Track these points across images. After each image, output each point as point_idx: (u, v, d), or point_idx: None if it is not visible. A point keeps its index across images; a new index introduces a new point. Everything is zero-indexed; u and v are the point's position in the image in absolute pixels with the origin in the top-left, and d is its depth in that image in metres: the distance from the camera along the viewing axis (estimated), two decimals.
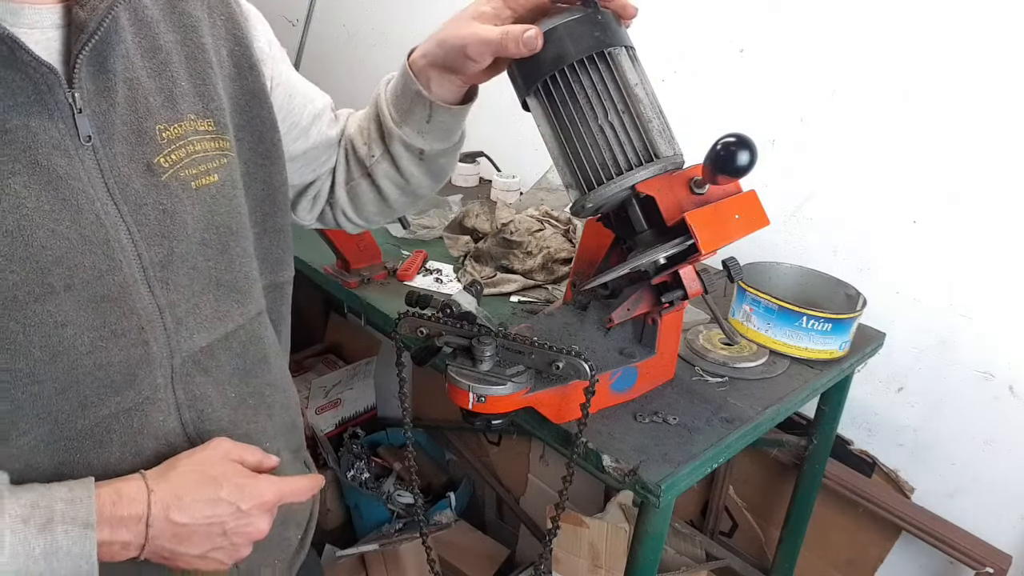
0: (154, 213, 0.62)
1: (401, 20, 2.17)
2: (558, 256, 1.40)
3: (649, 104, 0.80)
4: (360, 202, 0.92)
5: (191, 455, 0.65)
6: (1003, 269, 1.26)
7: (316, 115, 0.86)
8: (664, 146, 0.80)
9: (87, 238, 0.58)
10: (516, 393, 0.83)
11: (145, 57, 0.63)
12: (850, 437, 1.54)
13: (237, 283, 0.71)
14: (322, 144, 0.87)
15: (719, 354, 1.14)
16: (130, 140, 0.61)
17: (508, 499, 2.14)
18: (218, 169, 0.67)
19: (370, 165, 0.88)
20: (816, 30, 1.38)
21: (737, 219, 0.81)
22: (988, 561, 1.35)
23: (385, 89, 0.86)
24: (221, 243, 0.68)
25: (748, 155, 0.77)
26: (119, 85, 0.60)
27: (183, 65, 0.66)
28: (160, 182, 0.63)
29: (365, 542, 2.04)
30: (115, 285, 0.60)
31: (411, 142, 0.84)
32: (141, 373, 0.63)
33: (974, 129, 1.24)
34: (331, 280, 1.39)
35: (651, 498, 0.87)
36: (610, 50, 0.78)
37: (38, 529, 0.56)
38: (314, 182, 0.91)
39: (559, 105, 0.80)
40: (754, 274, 1.25)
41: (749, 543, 1.73)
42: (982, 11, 1.19)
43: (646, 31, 1.64)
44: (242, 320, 0.72)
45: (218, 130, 0.68)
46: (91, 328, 0.59)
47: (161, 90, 0.64)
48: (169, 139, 0.63)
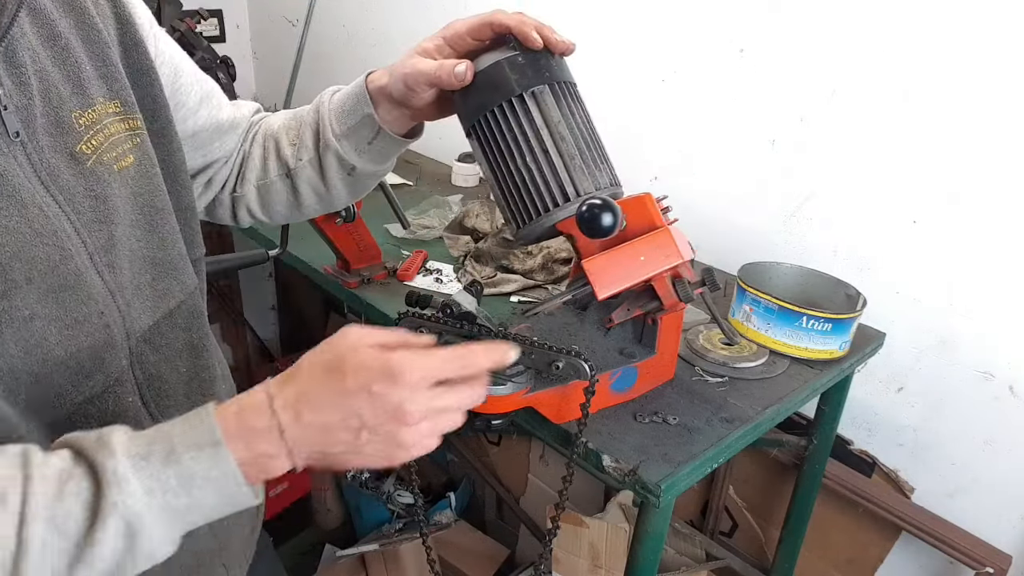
0: (87, 200, 0.62)
1: (401, 20, 2.17)
2: (558, 256, 1.40)
3: (573, 140, 0.82)
4: (270, 201, 0.92)
5: (316, 352, 0.58)
6: (1003, 269, 1.26)
7: (204, 96, 0.85)
8: (586, 183, 0.82)
9: (37, 231, 0.57)
10: (516, 393, 0.83)
11: (46, 46, 0.62)
12: (850, 437, 1.54)
13: (172, 260, 0.72)
14: (211, 127, 0.86)
15: (719, 354, 1.14)
16: (51, 131, 0.61)
17: (508, 499, 2.14)
18: (132, 150, 0.68)
19: (294, 167, 0.88)
20: (816, 30, 1.38)
21: (642, 260, 0.82)
22: (988, 561, 1.35)
23: (330, 99, 0.86)
24: (149, 222, 0.69)
25: (611, 217, 0.78)
26: (32, 78, 0.59)
27: (83, 49, 0.65)
28: (86, 169, 0.63)
29: (365, 542, 2.04)
30: (70, 274, 0.60)
31: (346, 157, 0.85)
32: (107, 356, 0.64)
33: (974, 129, 1.24)
34: (331, 280, 1.39)
35: (651, 498, 0.87)
36: (533, 90, 0.79)
37: (162, 461, 0.52)
38: (205, 169, 0.90)
39: (486, 146, 0.83)
40: (754, 274, 1.25)
41: (749, 543, 1.73)
42: (982, 11, 1.19)
43: (646, 31, 1.65)
44: (182, 296, 0.74)
45: (125, 110, 0.67)
46: (56, 318, 0.59)
47: (69, 78, 0.63)
48: (86, 125, 0.63)
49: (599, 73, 1.69)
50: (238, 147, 0.91)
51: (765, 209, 1.53)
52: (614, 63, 1.68)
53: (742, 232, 1.58)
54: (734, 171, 1.56)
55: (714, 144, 1.58)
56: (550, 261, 1.39)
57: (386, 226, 1.60)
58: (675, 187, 1.66)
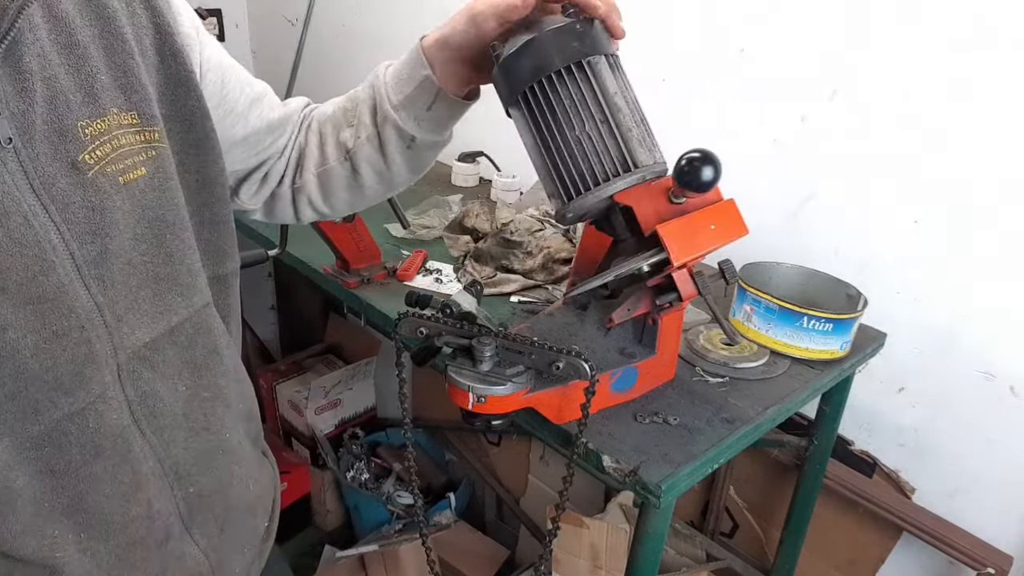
0: (83, 211, 0.61)
1: (401, 20, 2.17)
2: (558, 256, 1.40)
3: (629, 113, 0.81)
4: (331, 187, 0.92)
5: None
6: (1003, 269, 1.26)
7: (254, 99, 0.84)
8: (644, 155, 0.80)
9: (16, 240, 0.56)
10: (516, 393, 0.83)
11: (62, 54, 0.61)
12: (851, 437, 1.54)
13: (178, 276, 0.70)
14: (263, 129, 0.86)
15: (720, 354, 1.13)
16: (52, 139, 0.59)
17: (508, 499, 2.14)
18: (146, 162, 0.66)
19: (353, 147, 0.88)
20: (816, 30, 1.38)
21: (713, 229, 0.81)
22: (989, 561, 1.35)
23: (385, 72, 0.86)
24: (155, 237, 0.67)
25: (712, 171, 0.78)
26: (37, 84, 0.58)
27: (102, 59, 0.64)
28: (87, 179, 0.61)
29: (365, 543, 2.04)
30: (50, 285, 0.59)
31: (405, 128, 0.85)
32: (88, 372, 0.62)
33: (974, 129, 1.24)
34: (331, 280, 1.39)
35: (651, 499, 0.86)
36: (590, 59, 0.78)
37: None
38: (259, 167, 0.90)
39: (539, 116, 0.81)
40: (755, 274, 1.25)
41: (750, 544, 1.73)
42: (982, 11, 1.19)
43: (647, 31, 1.65)
44: (187, 313, 0.71)
45: (143, 122, 0.66)
46: (32, 330, 0.58)
47: (81, 86, 0.62)
48: (92, 135, 0.62)
49: None
50: (292, 141, 0.91)
51: (766, 209, 1.53)
52: None
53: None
54: (735, 171, 1.56)
55: (714, 144, 1.57)
56: (550, 261, 1.39)
57: (386, 226, 1.60)
58: None
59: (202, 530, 0.77)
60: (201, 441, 0.74)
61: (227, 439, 0.77)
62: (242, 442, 0.81)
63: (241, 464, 0.81)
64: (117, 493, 0.66)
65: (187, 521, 0.75)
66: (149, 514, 0.70)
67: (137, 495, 0.68)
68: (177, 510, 0.73)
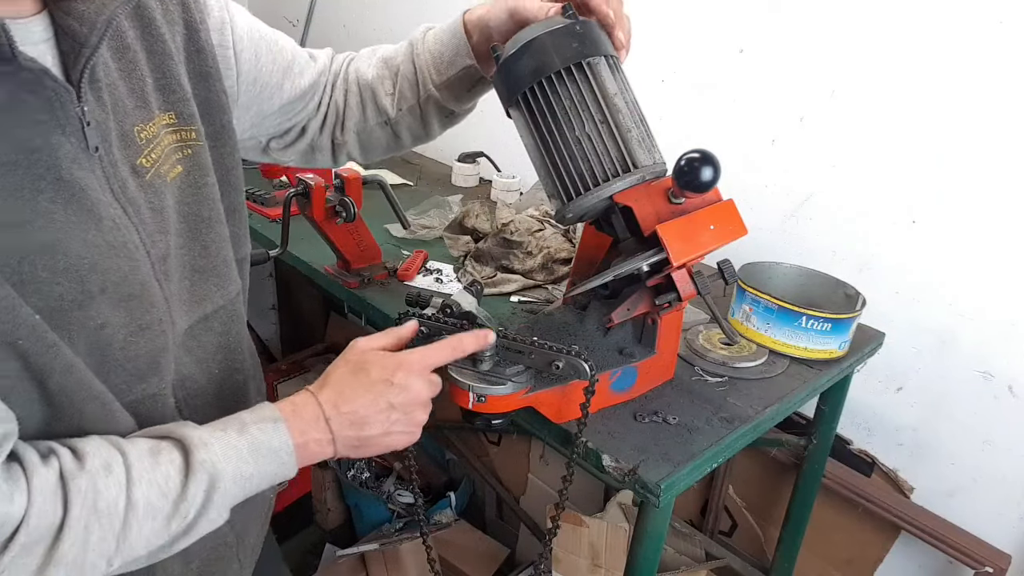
0: (148, 212, 0.64)
1: (401, 20, 2.17)
2: (558, 256, 1.40)
3: (629, 113, 0.81)
4: (371, 145, 0.97)
5: (336, 363, 0.73)
6: (1003, 269, 1.27)
7: (286, 68, 0.86)
8: (643, 155, 0.81)
9: (111, 243, 0.59)
10: (516, 393, 0.83)
11: (116, 59, 0.62)
12: (849, 437, 1.54)
13: (215, 267, 0.73)
14: (296, 96, 0.89)
15: (719, 354, 1.14)
16: (119, 145, 0.62)
17: (508, 499, 2.14)
18: (181, 160, 0.68)
19: (394, 116, 0.92)
20: (816, 30, 1.38)
21: (712, 230, 0.81)
22: (987, 561, 1.35)
23: (424, 41, 0.90)
24: (192, 231, 0.70)
25: (711, 171, 0.78)
26: (104, 92, 0.60)
27: (146, 61, 0.65)
28: (145, 182, 0.64)
29: (365, 542, 2.04)
30: (137, 283, 0.62)
31: (446, 105, 0.89)
32: (162, 361, 0.66)
33: (974, 129, 1.24)
34: (331, 280, 1.39)
35: (651, 497, 0.87)
36: (589, 60, 0.79)
37: (237, 432, 0.63)
38: (293, 127, 0.93)
39: (539, 116, 0.81)
40: (754, 274, 1.25)
41: (749, 543, 1.74)
42: (982, 11, 1.19)
43: (647, 31, 1.65)
44: (222, 301, 0.75)
45: (180, 121, 0.68)
46: (124, 326, 0.61)
47: (133, 91, 0.64)
48: (146, 139, 0.64)
49: None
50: (327, 99, 0.94)
51: (765, 209, 1.53)
52: None
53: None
54: (734, 171, 1.56)
55: (714, 144, 1.58)
56: (550, 261, 1.39)
57: (386, 226, 1.60)
58: None
59: None
60: None
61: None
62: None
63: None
64: None
65: None
66: None
67: None
68: None
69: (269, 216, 1.67)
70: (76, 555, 0.54)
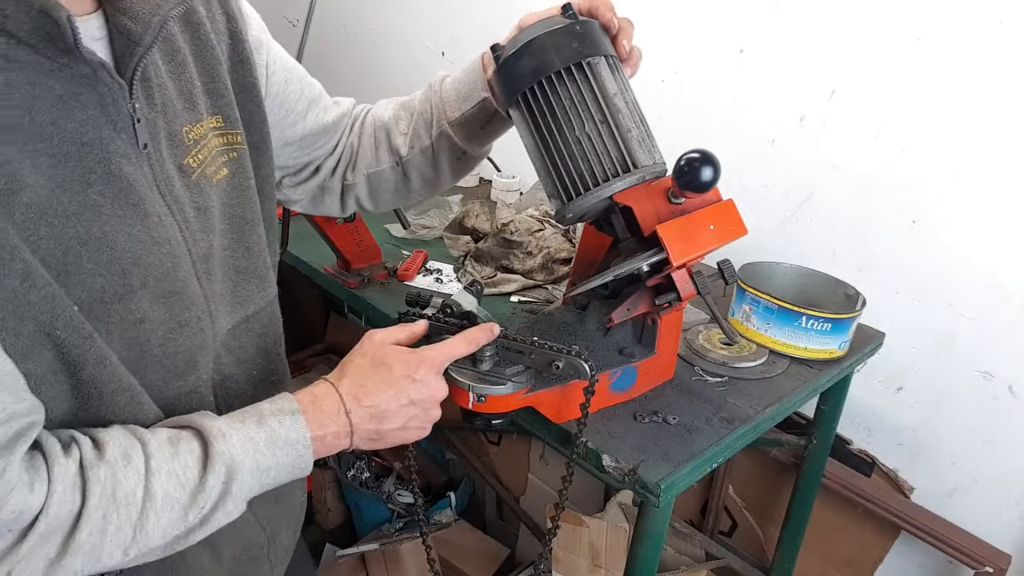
0: (192, 211, 0.65)
1: (401, 20, 2.17)
2: (558, 256, 1.40)
3: (629, 114, 0.81)
4: (380, 189, 0.97)
5: (354, 354, 0.73)
6: (1003, 269, 1.27)
7: (312, 100, 0.88)
8: (643, 156, 0.81)
9: (155, 239, 0.60)
10: (516, 393, 0.83)
11: (166, 61, 0.64)
12: (849, 437, 1.54)
13: (257, 269, 0.75)
14: (318, 130, 0.90)
15: (719, 354, 1.14)
16: (167, 144, 0.63)
17: (508, 499, 2.14)
18: (228, 163, 0.70)
19: (406, 156, 0.93)
20: (816, 30, 1.38)
21: (712, 230, 0.81)
22: (987, 561, 1.35)
23: (442, 85, 0.90)
24: (235, 232, 0.72)
25: (711, 171, 0.78)
26: (155, 92, 0.62)
27: (194, 64, 0.67)
28: (191, 182, 0.65)
29: (365, 541, 2.04)
30: (178, 280, 0.63)
31: (458, 142, 0.89)
32: (200, 358, 0.67)
33: (974, 129, 1.24)
34: (332, 280, 1.39)
35: (651, 497, 0.87)
36: (589, 60, 0.79)
37: (256, 424, 0.64)
38: (308, 164, 0.94)
39: (539, 116, 0.81)
40: (754, 274, 1.25)
41: (749, 543, 1.74)
42: (982, 11, 1.19)
43: (646, 31, 1.65)
44: (262, 303, 0.77)
45: (226, 125, 0.70)
46: (163, 322, 0.62)
47: (182, 92, 0.65)
48: (194, 139, 0.66)
49: None
50: (344, 141, 0.95)
51: (765, 209, 1.54)
52: None
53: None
54: (734, 171, 1.56)
55: (714, 144, 1.58)
56: (550, 261, 1.39)
57: (386, 226, 1.60)
58: None
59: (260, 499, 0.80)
60: None
61: None
62: None
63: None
64: None
65: None
66: None
67: None
68: None
69: None
70: (94, 544, 0.55)
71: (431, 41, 2.11)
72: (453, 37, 2.05)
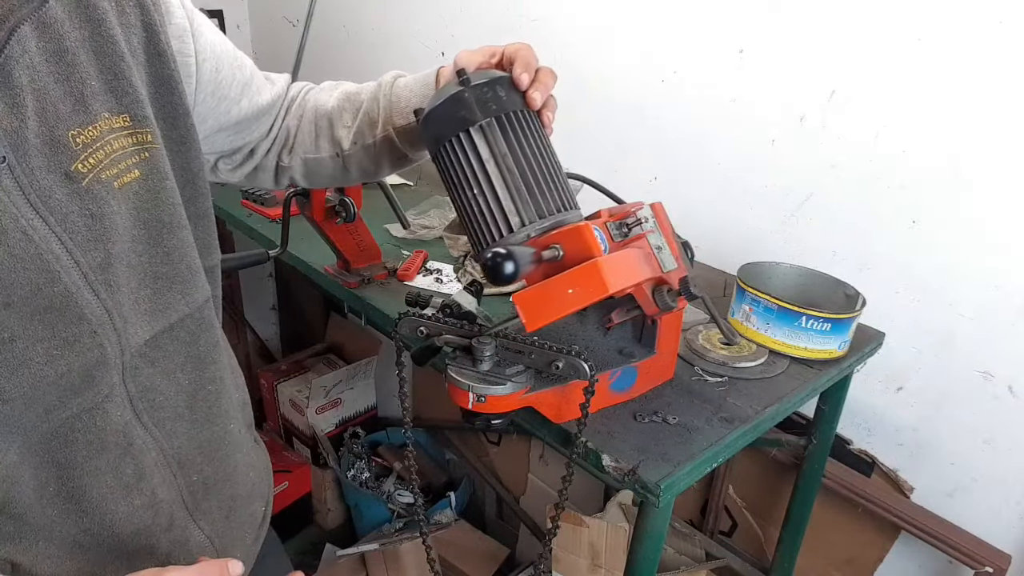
0: (82, 220, 0.61)
1: (401, 20, 2.17)
2: None
3: (519, 172, 0.82)
4: (318, 174, 0.97)
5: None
6: (1002, 269, 1.27)
7: (245, 84, 0.85)
8: (527, 214, 0.81)
9: (17, 256, 0.57)
10: (516, 393, 0.83)
11: (51, 62, 0.60)
12: (849, 436, 1.54)
13: (178, 274, 0.71)
14: (253, 114, 0.88)
15: (718, 354, 1.14)
16: (45, 152, 0.59)
17: (508, 499, 2.15)
18: (139, 164, 0.66)
19: (348, 151, 0.93)
20: (816, 30, 1.38)
21: (570, 293, 0.81)
22: (988, 561, 1.35)
23: (392, 87, 0.90)
24: (151, 237, 0.68)
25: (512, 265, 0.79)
26: (27, 98, 0.57)
27: (92, 63, 0.63)
28: (82, 188, 0.61)
29: (365, 541, 2.04)
30: (56, 296, 0.59)
31: (401, 148, 0.90)
32: (98, 374, 0.64)
33: (974, 129, 1.24)
34: (331, 280, 1.39)
35: (651, 498, 0.87)
36: (481, 124, 0.80)
37: None
38: (243, 147, 0.93)
39: (444, 176, 0.86)
40: (753, 274, 1.25)
41: (749, 542, 1.74)
42: (982, 11, 1.19)
43: (646, 31, 1.65)
44: (188, 309, 0.72)
45: (135, 124, 0.66)
46: (41, 339, 0.59)
47: (70, 94, 0.61)
48: (84, 143, 0.62)
49: (598, 74, 1.69)
50: (280, 123, 0.94)
51: (765, 209, 1.54)
52: (613, 64, 1.69)
53: (742, 232, 1.58)
54: (734, 171, 1.57)
55: (714, 144, 1.58)
56: None
57: (386, 226, 1.60)
58: (674, 188, 1.66)
59: (207, 516, 0.79)
60: (206, 432, 0.76)
61: (231, 429, 0.80)
62: (241, 430, 0.84)
63: (242, 451, 0.83)
64: (120, 484, 0.68)
65: (191, 508, 0.77)
66: (153, 503, 0.71)
67: (140, 485, 0.70)
68: (181, 498, 0.75)
69: (269, 216, 1.67)
70: None
71: (431, 41, 2.11)
72: (453, 37, 2.05)
